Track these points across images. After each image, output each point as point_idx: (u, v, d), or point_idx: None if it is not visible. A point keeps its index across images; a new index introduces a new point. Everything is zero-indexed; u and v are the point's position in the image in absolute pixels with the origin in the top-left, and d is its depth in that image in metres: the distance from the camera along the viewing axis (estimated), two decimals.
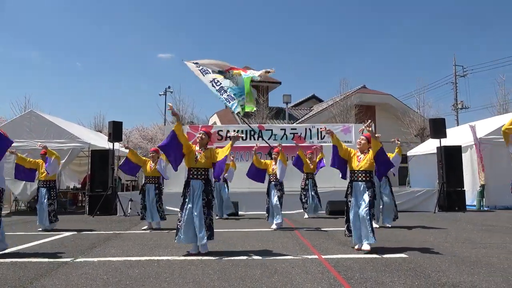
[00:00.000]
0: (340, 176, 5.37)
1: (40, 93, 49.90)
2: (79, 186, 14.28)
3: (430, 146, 13.34)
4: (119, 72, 60.31)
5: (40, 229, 7.48)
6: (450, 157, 10.99)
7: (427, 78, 53.84)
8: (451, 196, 10.70)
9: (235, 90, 7.96)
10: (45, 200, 7.45)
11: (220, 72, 8.22)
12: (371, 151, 5.00)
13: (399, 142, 7.64)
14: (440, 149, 11.19)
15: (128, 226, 7.95)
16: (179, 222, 4.89)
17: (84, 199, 13.55)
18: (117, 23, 62.86)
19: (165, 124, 24.92)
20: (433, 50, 58.61)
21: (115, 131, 11.04)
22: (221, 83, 8.12)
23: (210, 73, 8.21)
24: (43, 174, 7.47)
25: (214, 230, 5.06)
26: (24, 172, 7.34)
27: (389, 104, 22.74)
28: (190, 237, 4.86)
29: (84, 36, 58.26)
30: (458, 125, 22.67)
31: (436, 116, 16.37)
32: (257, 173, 7.54)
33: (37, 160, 7.57)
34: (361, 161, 5.05)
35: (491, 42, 54.39)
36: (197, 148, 5.10)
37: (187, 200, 4.92)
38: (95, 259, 4.63)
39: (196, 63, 8.39)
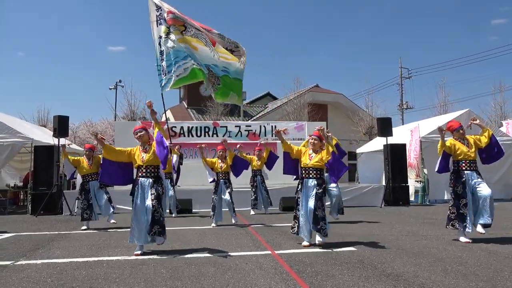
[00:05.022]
0: (293, 178, 5.49)
1: None
2: (20, 184, 13.40)
3: (378, 144, 13.96)
4: (66, 64, 57.30)
5: None
6: (396, 155, 11.58)
7: (375, 79, 56.40)
8: (396, 191, 11.29)
9: (169, 61, 7.25)
10: None
11: (177, 25, 7.29)
12: (324, 151, 5.08)
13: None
14: (387, 146, 11.75)
15: (75, 225, 7.58)
16: (131, 221, 4.74)
17: (26, 198, 12.73)
18: (65, 12, 59.61)
19: (115, 119, 24.03)
20: (381, 52, 61.37)
21: (61, 126, 10.45)
22: (162, 47, 7.35)
23: (162, 24, 7.41)
24: None
25: (170, 228, 4.96)
26: None
27: (340, 103, 23.53)
28: (142, 237, 4.70)
29: (28, 23, 54.69)
30: (403, 124, 23.93)
31: (383, 116, 17.18)
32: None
33: None
34: (312, 158, 5.08)
35: (435, 46, 57.98)
36: (141, 148, 4.91)
37: (135, 199, 4.75)
38: (38, 261, 4.38)
39: (158, 4, 7.49)
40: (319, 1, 63.38)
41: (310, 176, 5.08)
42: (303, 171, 5.16)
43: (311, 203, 4.94)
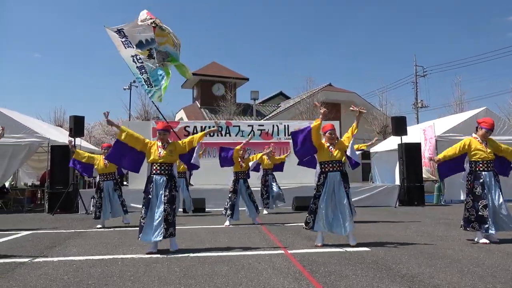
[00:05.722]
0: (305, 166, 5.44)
1: None
2: (37, 183, 13.67)
3: (392, 143, 13.79)
4: (81, 65, 58.21)
5: None
6: (410, 154, 11.42)
7: (390, 77, 55.75)
8: (411, 191, 11.13)
9: (155, 76, 7.76)
10: None
11: (146, 44, 7.76)
12: (341, 140, 5.10)
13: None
14: (401, 146, 11.60)
15: (90, 224, 7.70)
16: (143, 219, 4.75)
17: (43, 196, 12.98)
18: (82, 12, 60.52)
19: (129, 119, 24.29)
20: (395, 50, 60.60)
21: (77, 126, 10.64)
22: (142, 63, 7.82)
23: (132, 47, 7.82)
24: None
25: (183, 227, 4.99)
26: None
27: (353, 102, 23.28)
28: (154, 233, 4.72)
29: (44, 25, 55.71)
30: (418, 123, 23.58)
31: (398, 114, 16.96)
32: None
33: None
34: (333, 150, 5.03)
35: (450, 44, 57.00)
36: (159, 143, 4.96)
37: (150, 196, 4.77)
38: (55, 259, 4.46)
39: (121, 30, 7.89)
40: (326, 1, 62.94)
41: (335, 169, 5.02)
42: (326, 165, 5.04)
43: (346, 202, 4.90)
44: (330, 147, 5.08)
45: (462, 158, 5.39)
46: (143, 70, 7.77)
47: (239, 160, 7.38)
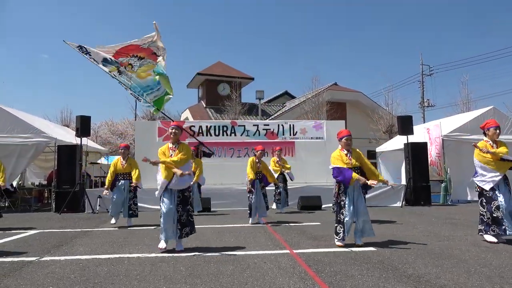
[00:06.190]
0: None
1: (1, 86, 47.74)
2: (44, 182, 13.78)
3: (398, 142, 13.72)
4: (88, 65, 58.59)
5: None
6: (417, 153, 11.36)
7: (396, 76, 55.44)
8: (417, 191, 11.07)
9: (136, 89, 7.89)
10: None
11: (111, 62, 7.77)
12: (357, 150, 5.11)
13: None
14: (407, 145, 11.54)
15: (97, 223, 7.76)
16: (162, 219, 4.81)
17: (50, 196, 13.09)
18: (91, 12, 60.92)
19: (135, 119, 24.41)
20: (401, 49, 60.32)
21: (83, 126, 10.71)
22: (117, 78, 7.88)
23: (98, 63, 7.81)
24: None
25: None
26: None
27: (359, 101, 23.24)
28: (169, 234, 4.81)
29: (51, 27, 56.09)
30: (424, 122, 23.43)
31: (404, 114, 16.85)
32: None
33: None
34: (351, 158, 5.02)
35: (457, 42, 56.62)
36: (170, 145, 5.00)
37: (165, 198, 4.83)
38: (62, 258, 4.50)
39: (82, 47, 7.78)
40: (331, 0, 62.75)
41: None
42: None
43: (364, 208, 4.98)
44: (348, 154, 5.07)
45: None
46: (124, 87, 7.86)
47: (256, 162, 7.53)
